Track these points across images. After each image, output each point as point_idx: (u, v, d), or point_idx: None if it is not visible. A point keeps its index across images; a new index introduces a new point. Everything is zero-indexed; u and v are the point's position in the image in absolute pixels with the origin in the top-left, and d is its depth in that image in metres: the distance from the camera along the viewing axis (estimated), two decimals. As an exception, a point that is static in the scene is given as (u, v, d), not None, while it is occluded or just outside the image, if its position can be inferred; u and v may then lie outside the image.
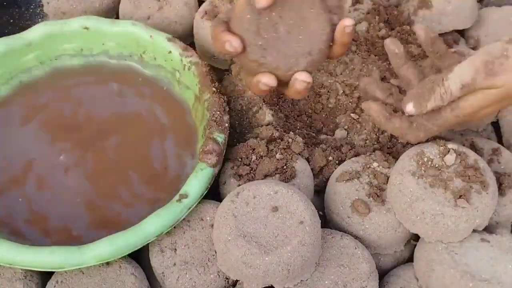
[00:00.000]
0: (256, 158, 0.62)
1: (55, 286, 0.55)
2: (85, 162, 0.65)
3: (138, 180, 0.64)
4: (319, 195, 0.64)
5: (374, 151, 0.65)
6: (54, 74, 0.72)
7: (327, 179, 0.64)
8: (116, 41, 0.72)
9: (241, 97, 0.70)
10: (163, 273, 0.56)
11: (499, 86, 0.49)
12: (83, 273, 0.56)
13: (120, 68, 0.74)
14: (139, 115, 0.69)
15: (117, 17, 0.80)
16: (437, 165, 0.56)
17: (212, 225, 0.58)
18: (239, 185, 0.60)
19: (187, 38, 0.78)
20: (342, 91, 0.70)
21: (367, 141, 0.67)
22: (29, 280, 0.56)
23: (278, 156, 0.62)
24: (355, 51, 0.74)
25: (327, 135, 0.69)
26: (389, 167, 0.61)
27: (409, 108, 0.54)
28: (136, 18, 0.76)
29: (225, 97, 0.66)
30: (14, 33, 0.71)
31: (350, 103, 0.70)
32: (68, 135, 0.67)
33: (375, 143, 0.67)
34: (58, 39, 0.71)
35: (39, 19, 0.84)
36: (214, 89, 0.65)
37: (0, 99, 0.69)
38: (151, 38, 0.71)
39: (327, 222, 0.62)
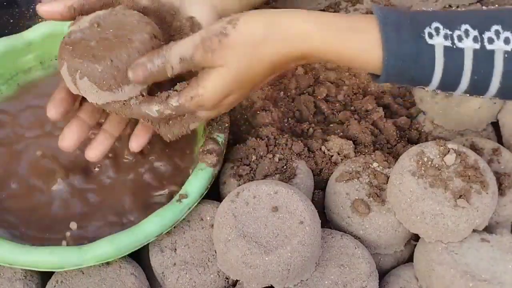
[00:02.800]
0: (256, 158, 0.62)
1: (55, 286, 0.55)
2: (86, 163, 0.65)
3: (138, 179, 0.64)
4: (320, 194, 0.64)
5: (374, 151, 0.65)
6: (55, 74, 0.72)
7: (327, 179, 0.64)
8: (116, 41, 0.72)
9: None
10: (163, 273, 0.56)
11: (219, 63, 0.49)
12: (83, 273, 0.56)
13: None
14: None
15: (117, 17, 0.80)
16: (437, 165, 0.56)
17: (212, 225, 0.58)
18: (239, 185, 0.60)
19: (187, 38, 0.78)
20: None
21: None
22: (29, 280, 0.56)
23: (278, 156, 0.62)
24: None
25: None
26: (389, 167, 0.61)
27: (131, 75, 0.50)
28: (136, 18, 0.76)
29: (225, 97, 0.66)
30: (14, 33, 0.71)
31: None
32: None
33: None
34: (58, 39, 0.70)
35: (39, 19, 0.84)
36: (214, 89, 0.65)
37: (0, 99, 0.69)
38: (151, 38, 0.70)
39: (327, 222, 0.62)
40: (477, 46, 0.48)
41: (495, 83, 0.49)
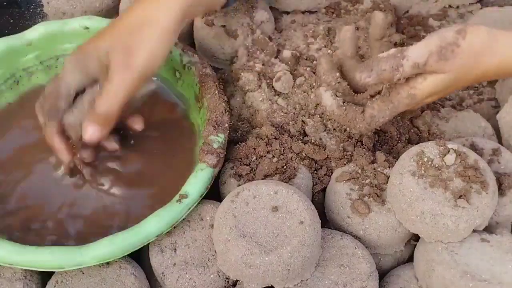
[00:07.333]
0: (256, 158, 0.62)
1: (55, 286, 0.55)
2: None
3: (137, 179, 0.64)
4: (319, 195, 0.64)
5: (374, 151, 0.65)
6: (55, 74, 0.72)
7: (327, 179, 0.64)
8: (116, 41, 0.72)
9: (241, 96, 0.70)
10: (163, 273, 0.56)
11: (446, 71, 0.53)
12: (83, 273, 0.56)
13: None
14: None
15: (117, 17, 0.80)
16: (437, 165, 0.56)
17: (212, 225, 0.58)
18: (239, 185, 0.60)
19: (187, 38, 0.78)
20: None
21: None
22: (29, 280, 0.56)
23: (278, 156, 0.62)
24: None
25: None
26: (389, 167, 0.61)
27: (358, 75, 0.54)
28: (136, 18, 0.76)
29: (225, 97, 0.66)
30: (14, 33, 0.71)
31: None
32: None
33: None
34: (58, 39, 0.71)
35: (39, 19, 0.84)
36: (214, 89, 0.65)
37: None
38: (151, 38, 0.70)
39: (327, 222, 0.62)
40: None
41: None
